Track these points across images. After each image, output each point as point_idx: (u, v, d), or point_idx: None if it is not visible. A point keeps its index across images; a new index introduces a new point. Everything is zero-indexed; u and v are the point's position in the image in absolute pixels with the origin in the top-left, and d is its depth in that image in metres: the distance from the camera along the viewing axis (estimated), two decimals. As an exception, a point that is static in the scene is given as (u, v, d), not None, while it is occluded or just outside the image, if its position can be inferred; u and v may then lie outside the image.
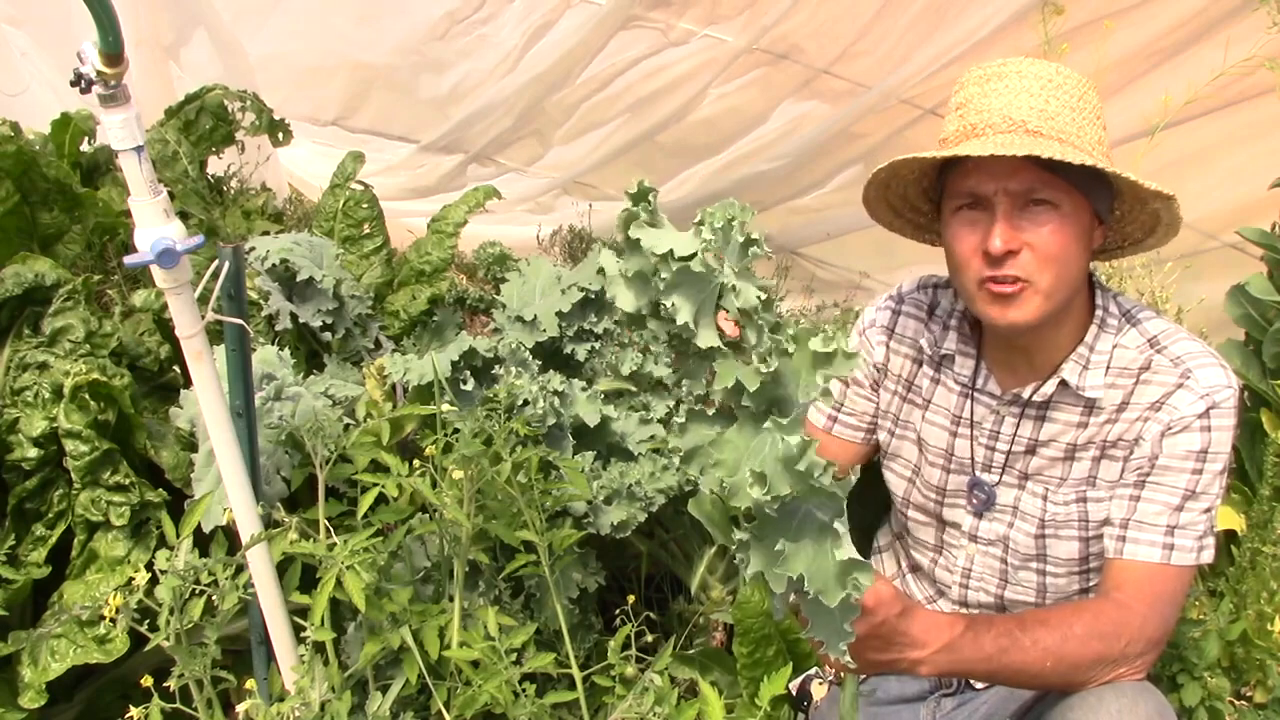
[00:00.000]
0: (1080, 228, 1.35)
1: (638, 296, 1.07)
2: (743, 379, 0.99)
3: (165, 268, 1.29)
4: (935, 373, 1.59)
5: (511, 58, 3.60)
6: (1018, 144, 1.30)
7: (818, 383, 0.97)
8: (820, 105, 3.50)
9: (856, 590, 1.00)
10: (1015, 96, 1.36)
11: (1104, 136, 1.39)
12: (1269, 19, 2.33)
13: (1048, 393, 1.45)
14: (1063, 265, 1.34)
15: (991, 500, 1.53)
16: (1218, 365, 1.37)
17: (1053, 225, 1.33)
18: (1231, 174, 2.87)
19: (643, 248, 1.04)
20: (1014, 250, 1.33)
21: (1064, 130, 1.34)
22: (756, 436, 1.02)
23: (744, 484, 0.99)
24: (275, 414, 1.78)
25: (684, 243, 1.02)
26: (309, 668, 1.47)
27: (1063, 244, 1.33)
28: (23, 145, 2.22)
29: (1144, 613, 1.34)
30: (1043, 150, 1.26)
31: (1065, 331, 1.43)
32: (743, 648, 1.67)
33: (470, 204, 2.61)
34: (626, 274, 1.06)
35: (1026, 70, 1.37)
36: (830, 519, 1.02)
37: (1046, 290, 1.35)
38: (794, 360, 1.01)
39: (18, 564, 1.72)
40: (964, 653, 1.25)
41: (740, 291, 1.03)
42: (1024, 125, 1.34)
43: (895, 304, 1.65)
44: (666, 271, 1.01)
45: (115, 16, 1.15)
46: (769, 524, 1.04)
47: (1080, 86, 1.38)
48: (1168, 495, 1.37)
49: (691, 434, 1.06)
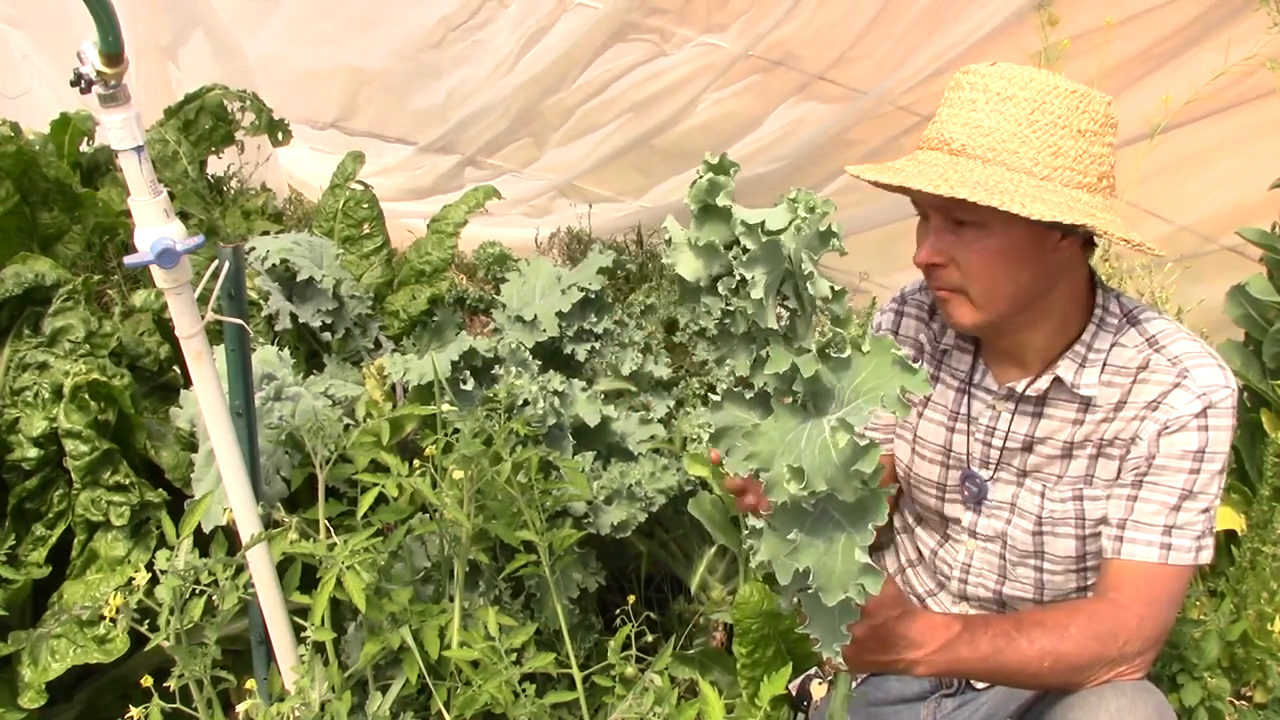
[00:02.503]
0: (1015, 243, 1.33)
1: (704, 267, 1.05)
2: (800, 366, 0.99)
3: (165, 268, 1.29)
4: (935, 370, 1.60)
5: (507, 63, 3.61)
6: (935, 164, 1.32)
7: (895, 392, 0.96)
8: (816, 110, 3.51)
9: (859, 595, 1.00)
10: (959, 110, 1.35)
11: (1070, 146, 1.32)
12: (1269, 19, 2.33)
13: (1041, 388, 1.45)
14: (991, 281, 1.35)
15: (983, 494, 1.54)
16: (1216, 365, 1.37)
17: (978, 245, 1.34)
18: (1231, 176, 2.87)
19: (729, 217, 1.03)
20: (939, 264, 1.37)
21: (995, 147, 1.31)
22: (796, 429, 1.01)
23: (780, 479, 0.98)
24: (275, 414, 1.78)
25: (776, 216, 1.01)
26: (309, 668, 1.47)
27: (986, 261, 1.34)
28: (23, 145, 2.22)
29: (1141, 612, 1.34)
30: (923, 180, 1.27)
31: (1047, 331, 1.43)
32: (742, 648, 1.67)
33: (470, 204, 2.61)
34: (697, 242, 1.05)
35: (980, 80, 1.35)
36: (864, 521, 1.01)
37: (978, 301, 1.37)
38: (865, 360, 1.00)
39: (18, 564, 1.72)
40: (960, 653, 1.25)
41: (815, 280, 1.02)
42: (949, 144, 1.34)
43: (899, 305, 1.67)
44: (753, 243, 1.00)
45: (115, 16, 1.15)
46: (794, 514, 1.03)
47: (1039, 95, 1.32)
48: (1164, 495, 1.37)
49: (725, 413, 1.05)
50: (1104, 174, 1.35)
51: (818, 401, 1.01)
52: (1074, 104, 1.32)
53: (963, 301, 1.39)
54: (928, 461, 1.60)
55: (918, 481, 1.63)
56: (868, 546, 1.00)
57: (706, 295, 1.08)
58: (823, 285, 1.03)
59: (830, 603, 1.00)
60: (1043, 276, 1.38)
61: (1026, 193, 1.28)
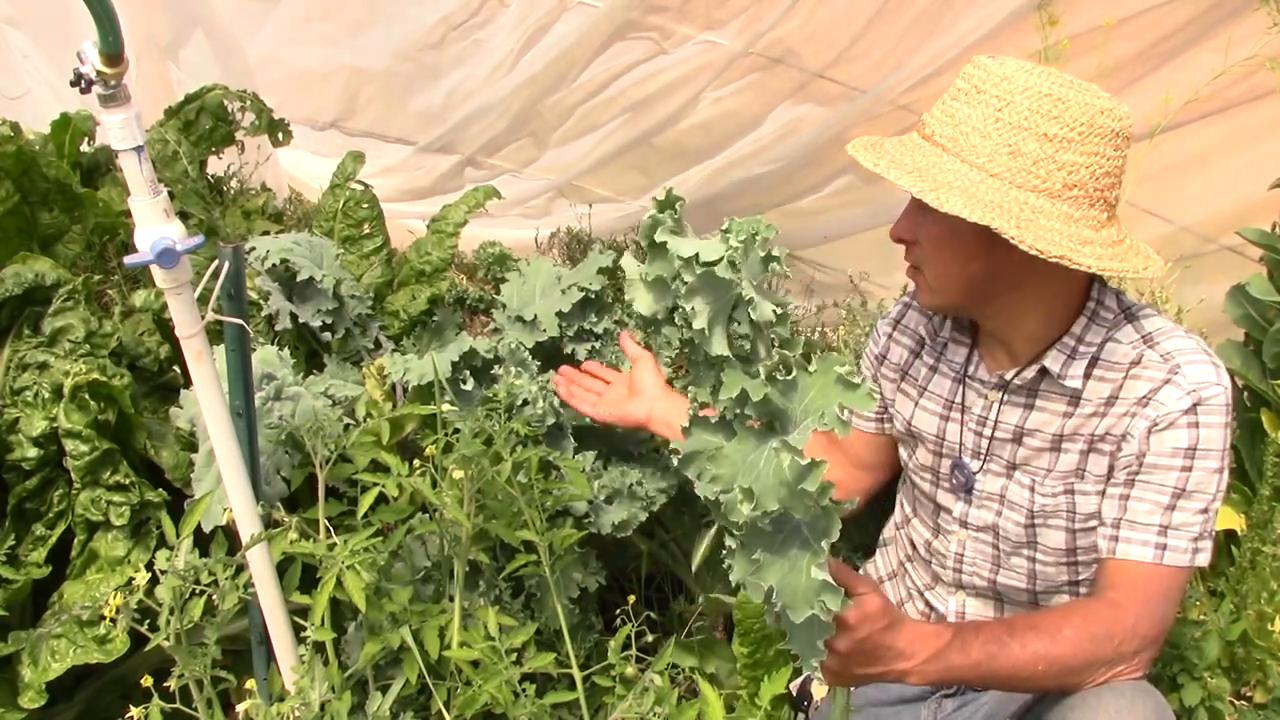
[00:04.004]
0: (959, 234, 1.34)
1: (656, 300, 1.07)
2: (749, 390, 0.99)
3: (165, 268, 1.29)
4: (935, 361, 1.62)
5: (507, 63, 3.60)
6: (907, 147, 1.38)
7: (835, 410, 0.97)
8: (815, 109, 3.50)
9: (823, 613, 1.00)
10: (946, 99, 1.39)
11: (1032, 149, 1.29)
12: (1269, 19, 2.33)
13: (1028, 377, 1.46)
14: (940, 266, 1.41)
15: (970, 483, 1.55)
16: (1208, 363, 1.37)
17: (931, 229, 1.39)
18: (1231, 176, 2.87)
19: (668, 253, 1.04)
20: (907, 240, 1.43)
21: (956, 138, 1.33)
22: (754, 451, 1.02)
23: (736, 500, 0.99)
24: (275, 414, 1.78)
25: (709, 248, 1.02)
26: (309, 668, 1.47)
27: (936, 246, 1.40)
28: (23, 145, 2.22)
29: (1137, 611, 1.34)
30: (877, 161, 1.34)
31: (1034, 322, 1.44)
32: (743, 648, 1.67)
33: (470, 204, 2.61)
34: (647, 278, 1.07)
35: (973, 72, 1.36)
36: (818, 539, 1.02)
37: (931, 284, 1.44)
38: (811, 379, 1.01)
39: (18, 564, 1.72)
40: (952, 661, 1.25)
41: (757, 305, 1.03)
42: (923, 128, 1.40)
43: (909, 298, 1.70)
44: (690, 275, 1.02)
45: (115, 16, 1.15)
46: (756, 534, 1.05)
47: (1008, 95, 1.30)
48: (1157, 494, 1.37)
49: (693, 439, 1.06)
50: (1074, 183, 1.31)
51: (780, 422, 1.02)
52: (1045, 107, 1.29)
53: (923, 282, 1.46)
54: (925, 449, 1.62)
55: (916, 467, 1.66)
56: (825, 564, 1.01)
57: (665, 327, 1.10)
58: (765, 309, 1.05)
59: (798, 620, 1.01)
60: (1002, 273, 1.38)
61: (962, 186, 1.29)
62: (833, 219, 3.63)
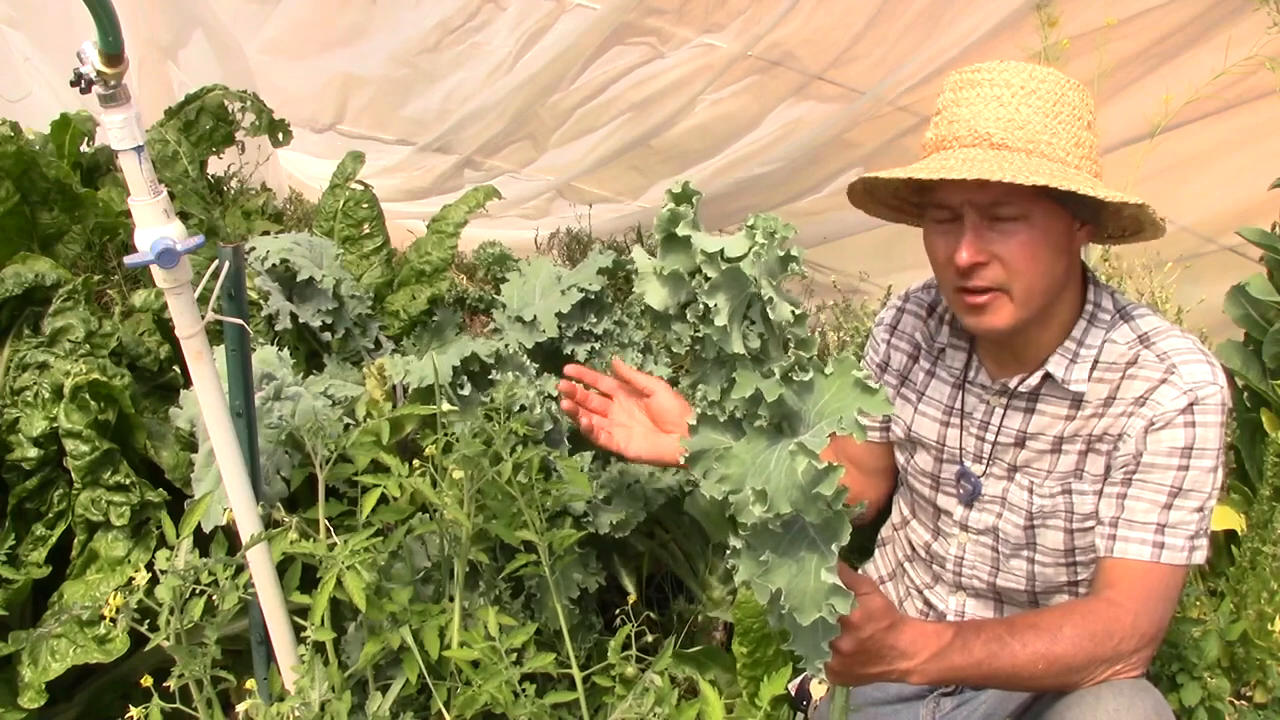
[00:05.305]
0: (1054, 234, 1.34)
1: (670, 295, 1.06)
2: (764, 390, 0.99)
3: (165, 268, 1.29)
4: (932, 366, 1.62)
5: (505, 65, 3.61)
6: (979, 160, 1.30)
7: (854, 415, 0.96)
8: (814, 110, 3.51)
9: (830, 615, 1.00)
10: (985, 106, 1.35)
11: (1085, 138, 1.36)
12: (1269, 19, 2.33)
13: (1033, 384, 1.46)
14: (1035, 274, 1.35)
15: (977, 491, 1.55)
16: (1204, 362, 1.37)
17: (1021, 237, 1.33)
18: (1230, 177, 2.88)
19: (688, 247, 1.03)
20: (982, 262, 1.34)
21: (1033, 139, 1.32)
22: (765, 451, 1.01)
23: (747, 501, 0.98)
24: (275, 414, 1.78)
25: (733, 244, 1.01)
26: (309, 668, 1.46)
27: (1031, 254, 1.33)
28: (23, 145, 2.22)
29: (1135, 609, 1.34)
30: (993, 172, 1.26)
31: (1053, 327, 1.44)
32: (743, 648, 1.67)
33: (470, 204, 2.61)
34: (662, 271, 1.06)
35: (999, 77, 1.35)
36: (828, 542, 1.02)
37: (1020, 298, 1.36)
38: (827, 382, 1.00)
39: (18, 564, 1.72)
40: (953, 660, 1.25)
41: (775, 304, 1.02)
42: (989, 138, 1.33)
43: (901, 302, 1.69)
44: (713, 271, 1.00)
45: (115, 16, 1.15)
46: (765, 535, 1.04)
47: (1057, 89, 1.34)
48: (1154, 493, 1.37)
49: (701, 437, 1.06)
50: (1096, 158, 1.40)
51: (790, 423, 1.02)
52: (1081, 97, 1.36)
53: (1004, 302, 1.37)
54: (924, 453, 1.62)
55: (915, 472, 1.65)
56: (834, 567, 1.01)
57: (676, 323, 1.09)
58: (784, 309, 1.04)
59: (805, 622, 1.01)
60: (1069, 267, 1.40)
61: (1078, 180, 1.30)
62: (832, 219, 3.64)
